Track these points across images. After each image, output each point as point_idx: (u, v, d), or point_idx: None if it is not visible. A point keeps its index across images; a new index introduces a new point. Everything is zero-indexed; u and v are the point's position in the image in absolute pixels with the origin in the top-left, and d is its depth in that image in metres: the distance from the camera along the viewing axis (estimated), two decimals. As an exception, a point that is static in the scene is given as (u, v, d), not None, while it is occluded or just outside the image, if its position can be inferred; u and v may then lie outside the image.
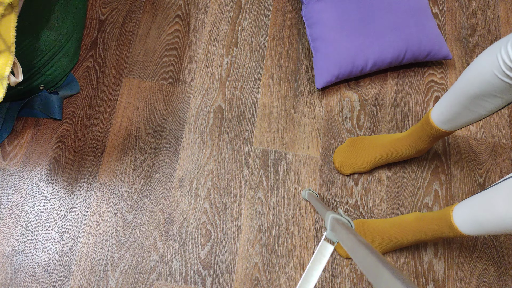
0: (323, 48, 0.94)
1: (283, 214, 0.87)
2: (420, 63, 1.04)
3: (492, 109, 0.61)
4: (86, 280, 0.79)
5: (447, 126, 0.70)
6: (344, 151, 0.90)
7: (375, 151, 0.87)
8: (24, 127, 0.87)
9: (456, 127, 0.70)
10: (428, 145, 0.79)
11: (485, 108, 0.61)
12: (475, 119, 0.65)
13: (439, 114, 0.70)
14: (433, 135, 0.75)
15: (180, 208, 0.85)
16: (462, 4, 1.12)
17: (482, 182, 0.93)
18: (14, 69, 0.64)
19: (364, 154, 0.88)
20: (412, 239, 0.74)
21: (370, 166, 0.88)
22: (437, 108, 0.70)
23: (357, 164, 0.88)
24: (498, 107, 0.60)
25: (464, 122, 0.67)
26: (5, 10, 0.59)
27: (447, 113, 0.68)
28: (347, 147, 0.90)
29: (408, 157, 0.85)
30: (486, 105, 0.60)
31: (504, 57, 0.52)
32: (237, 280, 0.81)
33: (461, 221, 0.63)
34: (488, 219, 0.57)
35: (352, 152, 0.89)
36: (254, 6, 1.04)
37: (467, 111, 0.64)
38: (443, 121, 0.70)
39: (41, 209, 0.82)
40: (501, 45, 0.53)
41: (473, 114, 0.64)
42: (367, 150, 0.88)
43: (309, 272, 0.47)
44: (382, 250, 0.81)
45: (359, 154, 0.88)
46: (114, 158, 0.88)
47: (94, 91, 0.92)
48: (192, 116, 0.93)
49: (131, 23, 0.99)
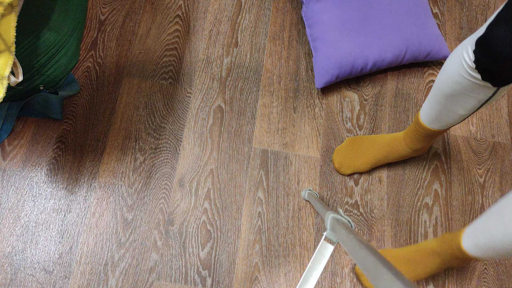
0: (323, 48, 0.94)
1: (283, 214, 0.87)
2: (420, 63, 1.04)
3: (469, 108, 0.61)
4: (86, 280, 0.79)
5: (435, 125, 0.71)
6: (344, 151, 0.90)
7: (374, 151, 0.87)
8: (24, 127, 0.87)
9: (444, 126, 0.70)
10: (424, 144, 0.79)
11: (462, 107, 0.61)
12: (457, 119, 0.65)
13: (425, 114, 0.71)
14: (424, 134, 0.75)
15: (180, 208, 0.85)
16: (462, 4, 1.12)
17: (482, 182, 0.93)
18: (14, 69, 0.64)
19: (364, 154, 0.88)
20: (433, 260, 0.74)
21: (369, 166, 0.88)
22: (423, 107, 0.72)
23: (357, 164, 0.88)
24: (475, 106, 0.60)
25: (448, 121, 0.67)
26: (5, 10, 0.59)
27: (431, 112, 0.68)
28: (346, 147, 0.90)
29: (406, 156, 0.85)
30: (462, 104, 0.61)
31: (466, 57, 0.53)
32: (237, 280, 0.81)
33: (470, 243, 0.64)
34: (498, 235, 0.57)
35: (352, 152, 0.89)
36: (254, 6, 1.04)
37: (447, 110, 0.64)
38: (430, 120, 0.71)
39: (41, 209, 0.82)
40: (465, 45, 0.54)
41: (454, 114, 0.64)
42: (366, 150, 0.88)
43: (309, 272, 0.47)
44: (410, 277, 0.79)
45: (359, 154, 0.88)
46: (114, 158, 0.88)
47: (94, 91, 0.92)
48: (192, 116, 0.93)
49: (131, 23, 0.99)
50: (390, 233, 0.88)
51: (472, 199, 0.92)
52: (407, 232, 0.88)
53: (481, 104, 0.60)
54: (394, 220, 0.89)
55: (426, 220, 0.89)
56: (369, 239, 0.88)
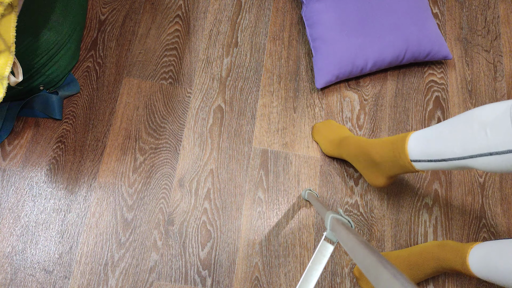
0: (323, 48, 0.94)
1: (283, 214, 0.87)
2: (420, 63, 1.04)
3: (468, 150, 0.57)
4: (86, 280, 0.79)
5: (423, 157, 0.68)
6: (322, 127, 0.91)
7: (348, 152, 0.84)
8: (24, 127, 0.87)
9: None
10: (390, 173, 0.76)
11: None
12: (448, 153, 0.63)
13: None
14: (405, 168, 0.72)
15: (180, 208, 0.85)
16: (462, 4, 1.12)
17: (482, 182, 0.94)
18: (14, 69, 0.64)
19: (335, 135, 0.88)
20: (434, 265, 0.73)
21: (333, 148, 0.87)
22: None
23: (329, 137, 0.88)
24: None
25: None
26: (5, 10, 0.59)
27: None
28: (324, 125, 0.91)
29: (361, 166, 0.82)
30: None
31: None
32: (237, 280, 0.81)
33: (475, 262, 0.63)
34: (501, 268, 0.57)
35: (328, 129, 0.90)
36: (254, 6, 1.04)
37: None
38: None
39: (41, 209, 0.82)
40: None
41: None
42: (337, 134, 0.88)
43: (309, 272, 0.47)
44: (410, 279, 0.79)
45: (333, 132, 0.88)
46: (114, 158, 0.88)
47: (94, 91, 0.92)
48: (192, 116, 0.93)
49: (131, 23, 0.99)
50: (390, 233, 0.88)
51: (472, 199, 0.92)
52: (407, 232, 0.88)
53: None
54: (394, 220, 0.89)
55: (426, 220, 0.89)
56: (369, 239, 0.88)
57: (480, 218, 0.91)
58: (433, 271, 0.74)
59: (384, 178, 0.74)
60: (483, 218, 0.91)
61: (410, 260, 0.76)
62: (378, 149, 0.71)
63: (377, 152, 0.72)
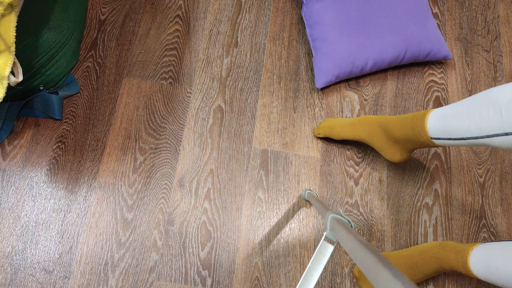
0: (323, 48, 0.94)
1: (283, 214, 0.87)
2: (420, 63, 1.04)
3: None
4: (86, 280, 0.79)
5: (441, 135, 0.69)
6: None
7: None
8: (24, 127, 0.87)
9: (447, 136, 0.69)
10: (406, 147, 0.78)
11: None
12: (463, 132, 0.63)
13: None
14: (421, 142, 0.73)
15: (180, 208, 0.85)
16: (462, 4, 1.12)
17: (482, 182, 0.93)
18: (14, 69, 0.64)
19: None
20: (434, 265, 0.73)
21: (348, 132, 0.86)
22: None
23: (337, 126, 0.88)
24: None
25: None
26: (5, 10, 0.59)
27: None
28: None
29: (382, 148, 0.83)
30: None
31: None
32: (237, 280, 0.81)
33: (476, 263, 0.63)
34: (503, 270, 0.57)
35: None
36: (254, 6, 1.04)
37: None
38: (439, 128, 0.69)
39: (41, 209, 0.82)
40: None
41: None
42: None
43: (309, 272, 0.47)
44: (410, 279, 0.79)
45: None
46: (114, 158, 0.88)
47: (94, 91, 0.92)
48: (192, 116, 0.93)
49: (131, 23, 0.99)
50: (390, 233, 0.88)
51: (472, 199, 0.92)
52: (407, 232, 0.88)
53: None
54: (394, 220, 0.89)
55: (426, 220, 0.89)
56: (369, 239, 0.88)
57: (480, 218, 0.91)
58: (433, 271, 0.74)
59: (404, 153, 0.77)
60: (483, 218, 0.91)
61: (410, 260, 0.76)
62: (398, 126, 0.73)
63: (397, 130, 0.74)
